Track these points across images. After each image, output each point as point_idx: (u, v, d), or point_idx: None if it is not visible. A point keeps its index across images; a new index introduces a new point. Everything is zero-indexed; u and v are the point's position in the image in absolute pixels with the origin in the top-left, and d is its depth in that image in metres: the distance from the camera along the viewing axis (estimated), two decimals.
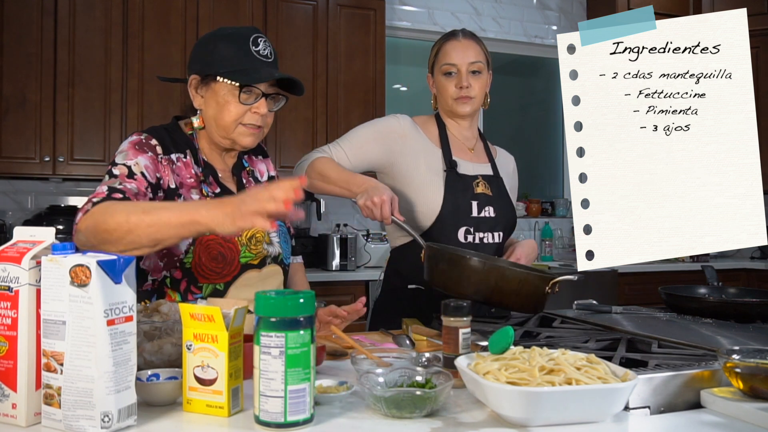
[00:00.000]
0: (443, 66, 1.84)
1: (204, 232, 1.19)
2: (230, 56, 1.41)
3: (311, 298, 0.91)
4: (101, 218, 1.19)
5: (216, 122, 1.45)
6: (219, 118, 1.44)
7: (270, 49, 1.46)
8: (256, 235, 1.48)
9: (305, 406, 0.89)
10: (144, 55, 3.53)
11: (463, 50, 1.83)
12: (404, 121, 1.86)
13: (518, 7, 4.79)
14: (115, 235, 1.17)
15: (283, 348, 0.87)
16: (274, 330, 0.87)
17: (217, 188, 1.49)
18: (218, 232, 1.17)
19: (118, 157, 1.37)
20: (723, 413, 0.95)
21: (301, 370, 0.88)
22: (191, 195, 1.43)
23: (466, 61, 1.82)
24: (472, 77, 1.83)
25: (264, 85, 1.43)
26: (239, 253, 1.45)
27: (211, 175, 1.48)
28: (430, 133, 1.88)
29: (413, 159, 1.81)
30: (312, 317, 0.90)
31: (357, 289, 3.65)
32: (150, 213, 1.17)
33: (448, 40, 1.86)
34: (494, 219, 1.82)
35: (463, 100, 1.83)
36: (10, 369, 0.90)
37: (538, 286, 1.40)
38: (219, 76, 1.41)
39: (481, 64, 1.84)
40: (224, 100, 1.42)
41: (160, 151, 1.41)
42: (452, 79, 1.84)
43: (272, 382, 0.87)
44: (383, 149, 1.81)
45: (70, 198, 3.79)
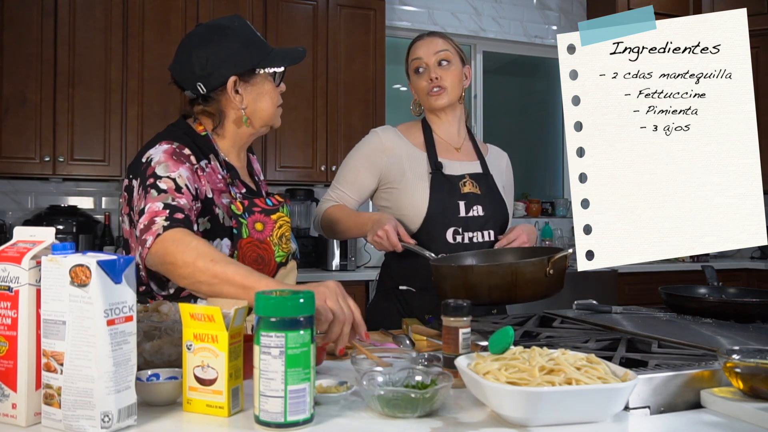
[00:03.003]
0: (412, 62, 1.89)
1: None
2: (255, 46, 1.46)
3: (311, 298, 0.91)
4: (172, 248, 1.20)
5: (264, 113, 1.49)
6: (263, 108, 1.48)
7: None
8: (285, 234, 1.51)
9: (305, 406, 0.89)
10: (144, 55, 3.53)
11: (427, 45, 1.87)
12: (385, 134, 1.89)
13: (518, 7, 4.79)
14: (179, 271, 1.19)
15: (283, 348, 0.87)
16: (274, 330, 0.87)
17: (243, 188, 1.51)
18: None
19: (158, 169, 1.33)
20: (723, 413, 0.95)
21: (301, 370, 0.88)
22: (222, 200, 1.42)
23: (431, 52, 1.85)
24: (440, 69, 1.85)
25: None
26: (274, 253, 1.46)
27: (236, 177, 1.50)
28: (415, 138, 1.90)
29: (398, 167, 1.84)
30: (312, 317, 0.90)
31: (357, 289, 3.65)
32: (217, 264, 1.17)
33: (415, 41, 1.92)
34: (483, 218, 1.82)
35: (436, 93, 1.85)
36: (10, 369, 0.90)
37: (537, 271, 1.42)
38: (261, 67, 1.45)
39: (448, 53, 1.86)
40: (265, 89, 1.47)
41: (194, 161, 1.40)
42: (422, 75, 1.87)
43: (272, 382, 0.87)
44: (372, 171, 1.87)
45: (70, 198, 3.79)
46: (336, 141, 3.94)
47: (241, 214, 1.43)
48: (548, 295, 1.47)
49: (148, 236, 1.24)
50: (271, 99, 1.48)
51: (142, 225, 1.26)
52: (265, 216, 1.48)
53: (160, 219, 1.25)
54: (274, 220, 1.49)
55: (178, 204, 1.28)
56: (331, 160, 3.91)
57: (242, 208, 1.44)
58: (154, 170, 1.33)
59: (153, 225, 1.24)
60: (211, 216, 1.38)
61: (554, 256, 1.43)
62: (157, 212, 1.26)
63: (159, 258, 1.22)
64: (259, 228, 1.45)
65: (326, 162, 3.91)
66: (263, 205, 1.50)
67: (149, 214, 1.26)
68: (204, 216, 1.38)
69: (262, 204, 1.50)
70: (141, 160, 1.37)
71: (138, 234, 1.27)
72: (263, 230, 1.46)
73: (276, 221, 1.49)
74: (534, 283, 1.42)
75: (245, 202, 1.46)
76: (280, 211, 1.52)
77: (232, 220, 1.41)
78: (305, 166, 3.89)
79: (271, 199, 1.54)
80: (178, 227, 1.24)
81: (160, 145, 1.38)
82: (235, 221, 1.42)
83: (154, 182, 1.31)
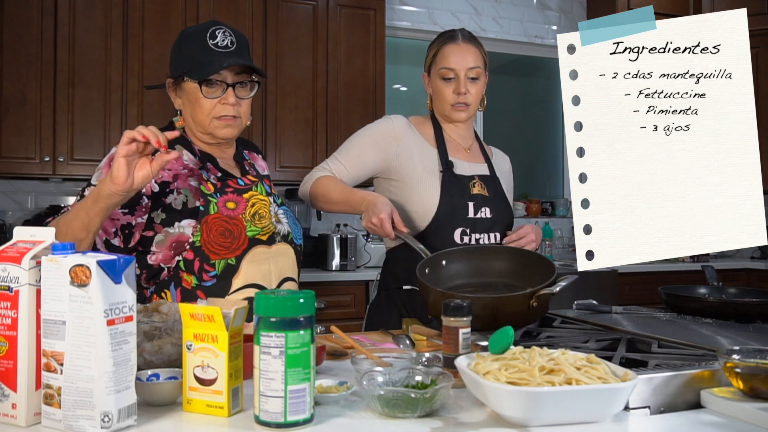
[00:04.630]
0: (441, 70, 1.82)
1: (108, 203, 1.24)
2: (191, 54, 1.45)
3: (311, 298, 0.91)
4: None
5: (193, 120, 1.49)
6: (194, 115, 1.48)
7: (231, 39, 1.47)
8: (258, 211, 1.50)
9: (305, 406, 0.89)
10: (144, 55, 3.53)
11: (462, 55, 1.80)
12: (399, 121, 1.85)
13: (518, 7, 4.78)
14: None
15: (283, 348, 0.87)
16: (274, 330, 0.87)
17: (219, 173, 1.52)
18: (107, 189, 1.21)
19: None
20: (723, 413, 0.95)
21: (301, 370, 0.88)
22: (189, 183, 1.45)
23: (465, 67, 1.80)
24: (470, 83, 1.81)
25: (230, 75, 1.46)
26: (245, 228, 1.46)
27: (209, 162, 1.52)
28: (426, 134, 1.87)
29: (409, 160, 1.81)
30: (312, 317, 0.90)
31: (357, 289, 3.65)
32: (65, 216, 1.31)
33: (447, 43, 1.83)
34: (491, 220, 1.81)
35: (460, 107, 1.83)
36: (10, 369, 0.90)
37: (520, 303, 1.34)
38: (184, 76, 1.46)
39: (479, 69, 1.82)
40: (194, 98, 1.46)
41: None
42: (450, 84, 1.82)
43: (272, 382, 0.87)
44: (380, 154, 1.81)
45: (70, 198, 3.79)
46: (336, 141, 3.93)
47: (211, 194, 1.45)
48: (527, 324, 1.39)
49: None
50: (202, 109, 1.46)
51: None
52: (237, 195, 1.49)
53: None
54: (246, 199, 1.49)
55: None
56: None
57: (213, 188, 1.47)
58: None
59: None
60: (163, 207, 1.42)
61: (540, 291, 1.34)
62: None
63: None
64: (231, 206, 1.47)
65: None
66: (235, 185, 1.51)
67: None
68: (156, 209, 1.42)
69: (234, 184, 1.51)
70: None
71: None
72: (236, 208, 1.47)
73: (248, 200, 1.50)
74: (515, 315, 1.33)
75: (218, 183, 1.49)
76: (253, 190, 1.53)
77: (199, 199, 1.43)
78: (305, 166, 3.89)
79: (243, 179, 1.55)
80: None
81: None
82: (203, 200, 1.44)
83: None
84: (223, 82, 1.45)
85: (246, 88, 1.50)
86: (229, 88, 1.45)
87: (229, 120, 1.48)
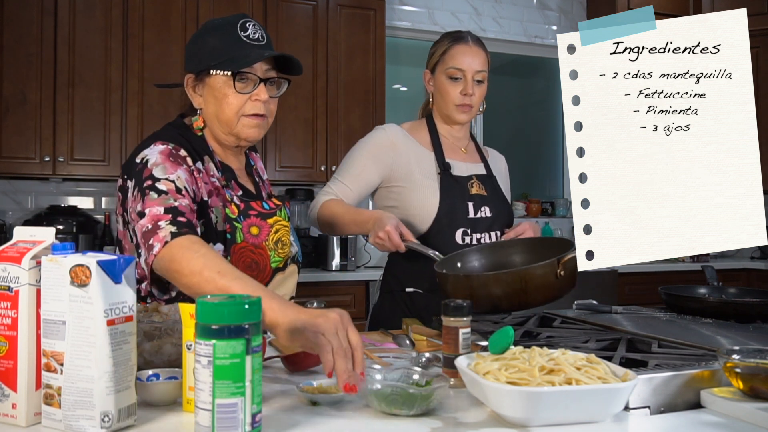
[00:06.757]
0: (450, 69, 1.83)
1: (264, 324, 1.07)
2: (219, 46, 1.36)
3: (255, 304, 0.82)
4: (179, 255, 1.16)
5: (218, 119, 1.39)
6: (220, 113, 1.38)
7: (261, 33, 1.40)
8: (281, 238, 1.45)
9: (237, 422, 0.80)
10: (144, 55, 3.53)
11: (472, 57, 1.83)
12: (392, 130, 1.87)
13: (518, 7, 4.79)
14: (184, 279, 1.15)
15: (210, 357, 0.79)
16: (204, 337, 0.80)
17: (239, 190, 1.45)
18: (275, 334, 1.06)
19: (156, 170, 1.29)
20: (723, 413, 0.95)
21: (231, 383, 0.80)
22: (218, 202, 1.38)
23: (473, 69, 1.82)
24: (475, 86, 1.83)
25: (261, 70, 1.38)
26: (270, 259, 1.42)
27: (231, 178, 1.45)
28: (421, 138, 1.88)
29: (406, 166, 1.82)
30: (249, 327, 0.81)
31: (357, 289, 3.65)
32: (224, 277, 1.11)
33: (457, 43, 1.85)
34: (490, 219, 1.83)
35: (464, 108, 1.84)
36: (10, 369, 0.90)
37: (548, 274, 1.35)
38: (211, 69, 1.36)
39: (485, 73, 1.85)
40: (222, 94, 1.37)
41: (190, 162, 1.35)
42: (457, 84, 1.83)
43: (202, 393, 0.80)
44: (379, 167, 1.83)
45: (70, 198, 3.79)
46: (336, 141, 3.94)
47: (236, 218, 1.38)
48: (560, 296, 1.40)
49: (155, 242, 1.20)
50: (230, 105, 1.36)
51: (144, 228, 1.23)
52: (261, 220, 1.43)
53: (165, 223, 1.21)
54: (270, 224, 1.43)
55: (180, 206, 1.25)
56: (331, 160, 3.91)
57: (237, 211, 1.40)
58: (152, 172, 1.29)
59: (159, 230, 1.21)
60: (205, 219, 1.35)
61: (564, 256, 1.36)
62: (159, 216, 1.22)
63: (165, 264, 1.18)
64: (255, 232, 1.40)
65: (326, 162, 3.91)
66: (259, 208, 1.44)
67: (151, 217, 1.23)
68: (199, 219, 1.34)
69: (259, 207, 1.44)
70: (135, 160, 1.33)
71: (140, 237, 1.24)
72: (259, 234, 1.40)
73: (272, 225, 1.44)
74: (545, 288, 1.34)
75: (241, 205, 1.41)
76: (277, 215, 1.47)
77: (226, 224, 1.37)
78: (305, 166, 3.89)
79: (268, 203, 1.48)
80: (187, 234, 1.20)
81: (155, 146, 1.34)
82: (230, 225, 1.37)
83: (153, 184, 1.27)
84: (255, 75, 1.36)
85: (274, 86, 1.42)
86: (261, 83, 1.37)
87: (258, 119, 1.39)
